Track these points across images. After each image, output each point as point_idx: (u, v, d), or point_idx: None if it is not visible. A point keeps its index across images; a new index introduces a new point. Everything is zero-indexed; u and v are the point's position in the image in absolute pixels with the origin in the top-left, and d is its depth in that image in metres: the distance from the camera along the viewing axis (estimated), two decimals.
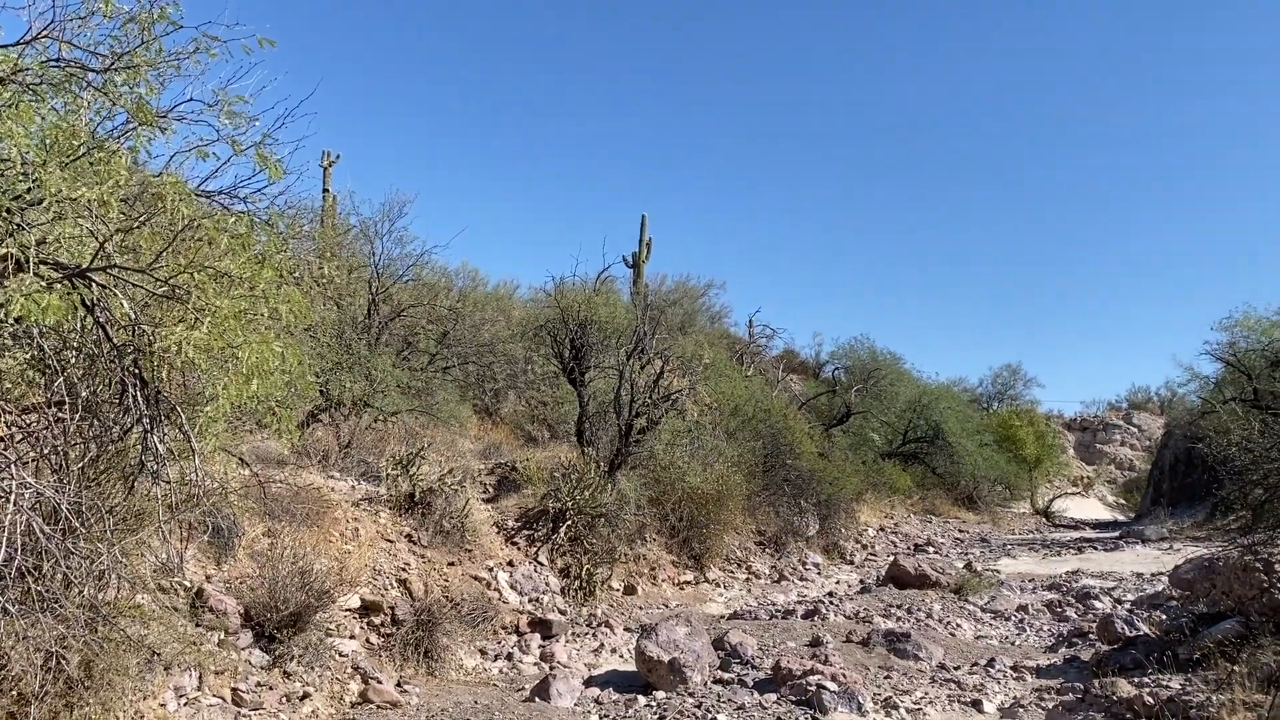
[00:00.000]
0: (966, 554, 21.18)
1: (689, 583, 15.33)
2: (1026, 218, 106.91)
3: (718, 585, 15.75)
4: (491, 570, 12.24)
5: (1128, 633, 10.31)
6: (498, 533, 13.37)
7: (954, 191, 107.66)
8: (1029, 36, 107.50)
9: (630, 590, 13.94)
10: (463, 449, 16.28)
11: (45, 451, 5.36)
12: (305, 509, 10.18)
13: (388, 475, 12.44)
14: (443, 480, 12.57)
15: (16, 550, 4.34)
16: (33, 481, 4.53)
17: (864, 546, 21.54)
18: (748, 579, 16.51)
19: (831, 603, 13.79)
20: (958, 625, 12.65)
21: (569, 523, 13.57)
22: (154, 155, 5.80)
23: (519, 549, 13.23)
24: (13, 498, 4.29)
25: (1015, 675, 9.83)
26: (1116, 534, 25.33)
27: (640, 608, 13.31)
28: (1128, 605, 13.02)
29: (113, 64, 5.29)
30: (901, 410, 30.60)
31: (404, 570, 10.93)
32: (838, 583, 17.10)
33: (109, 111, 5.75)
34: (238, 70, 5.63)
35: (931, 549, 21.79)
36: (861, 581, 16.95)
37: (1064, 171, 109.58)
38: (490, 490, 14.78)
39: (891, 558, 17.48)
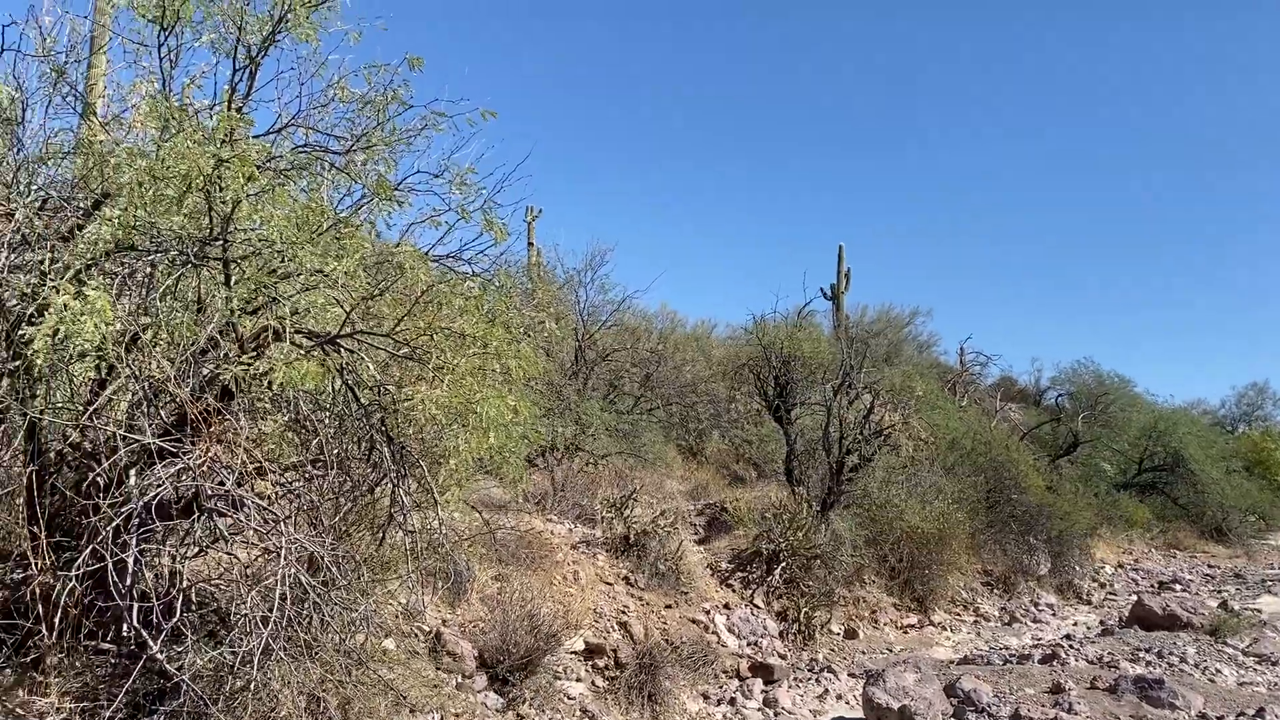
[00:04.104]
0: (1219, 591, 19.24)
1: (912, 626, 14.65)
2: (1260, 225, 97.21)
3: (943, 628, 14.96)
4: (708, 613, 12.16)
5: None
6: (711, 574, 13.30)
7: (1175, 202, 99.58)
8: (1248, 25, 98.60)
9: (851, 634, 13.47)
10: (670, 490, 16.38)
11: (303, 507, 5.79)
12: (529, 553, 10.51)
13: (603, 518, 12.67)
14: (655, 522, 12.66)
15: (287, 600, 4.68)
16: (299, 537, 4.88)
17: (1101, 585, 19.94)
18: (975, 621, 15.60)
19: (1070, 646, 12.85)
20: (1217, 670, 11.50)
21: (783, 564, 13.31)
22: (390, 226, 6.22)
23: (734, 591, 13.09)
24: (283, 553, 4.63)
25: None
26: None
27: (863, 652, 12.83)
28: None
29: (353, 145, 5.73)
30: (1135, 437, 28.35)
31: (624, 613, 11.04)
32: (1075, 624, 15.91)
33: (347, 188, 6.25)
34: (458, 141, 5.98)
35: (1178, 586, 19.89)
36: (1102, 623, 15.73)
37: None
38: (701, 531, 14.76)
39: (1134, 597, 16.15)
